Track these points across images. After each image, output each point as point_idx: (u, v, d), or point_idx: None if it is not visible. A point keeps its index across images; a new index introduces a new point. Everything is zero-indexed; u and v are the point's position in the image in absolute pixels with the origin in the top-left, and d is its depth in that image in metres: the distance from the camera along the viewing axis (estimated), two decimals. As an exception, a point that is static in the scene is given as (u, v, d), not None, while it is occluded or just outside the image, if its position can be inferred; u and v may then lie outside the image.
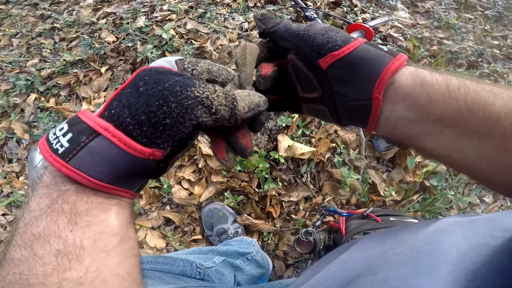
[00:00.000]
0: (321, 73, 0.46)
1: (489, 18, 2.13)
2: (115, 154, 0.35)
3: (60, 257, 0.33)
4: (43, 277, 0.32)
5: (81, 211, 0.35)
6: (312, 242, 0.91)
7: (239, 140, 0.46)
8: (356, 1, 1.98)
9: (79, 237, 0.34)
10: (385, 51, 0.44)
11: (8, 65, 1.91)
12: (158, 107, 0.36)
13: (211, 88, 0.39)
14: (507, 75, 1.82)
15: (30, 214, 0.35)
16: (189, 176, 1.49)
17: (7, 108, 1.76)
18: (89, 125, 0.35)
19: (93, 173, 0.35)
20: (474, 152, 0.41)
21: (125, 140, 0.35)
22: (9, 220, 1.54)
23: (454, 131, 0.41)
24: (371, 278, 0.35)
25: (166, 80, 0.37)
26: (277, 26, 0.51)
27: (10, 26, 2.15)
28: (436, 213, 1.41)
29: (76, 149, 0.34)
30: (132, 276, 0.38)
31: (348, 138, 1.47)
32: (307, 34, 0.47)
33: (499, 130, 0.38)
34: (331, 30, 0.47)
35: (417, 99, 0.41)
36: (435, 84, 0.41)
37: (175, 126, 0.37)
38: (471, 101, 0.39)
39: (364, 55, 0.43)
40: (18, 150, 1.69)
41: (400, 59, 0.43)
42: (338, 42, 0.45)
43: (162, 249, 1.43)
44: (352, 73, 0.44)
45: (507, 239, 0.32)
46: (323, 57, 0.45)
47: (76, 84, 1.80)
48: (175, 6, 1.94)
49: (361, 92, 0.44)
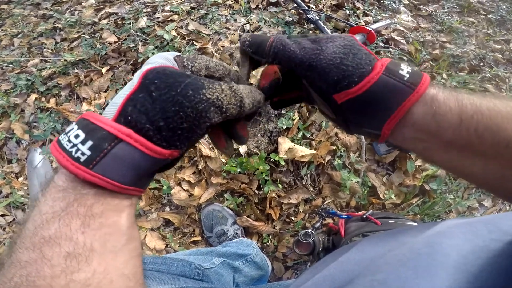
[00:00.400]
0: (336, 105, 0.45)
1: (492, 22, 2.13)
2: (138, 158, 0.36)
3: (69, 259, 0.33)
4: (50, 279, 0.32)
5: (96, 213, 0.35)
6: (311, 243, 0.91)
7: (238, 131, 0.47)
8: (359, 3, 1.99)
9: (90, 239, 0.34)
10: (404, 82, 0.42)
11: (9, 65, 1.91)
12: (175, 113, 0.37)
13: (219, 88, 0.39)
14: (509, 80, 1.82)
15: (42, 217, 0.35)
16: (189, 178, 1.49)
17: (7, 108, 1.76)
18: (109, 132, 0.35)
19: (118, 177, 0.36)
20: (480, 168, 0.41)
21: (147, 144, 0.36)
22: (9, 221, 1.53)
23: (462, 152, 0.41)
24: (370, 278, 0.36)
25: (177, 84, 0.38)
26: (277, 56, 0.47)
27: (12, 26, 2.16)
28: (435, 217, 1.41)
29: (100, 156, 0.35)
30: (136, 276, 0.38)
31: (349, 141, 1.47)
32: (320, 66, 0.44)
33: (508, 153, 0.38)
34: (347, 55, 0.44)
35: (427, 127, 0.41)
36: (447, 113, 0.40)
37: (191, 129, 0.38)
38: (483, 128, 0.39)
39: (380, 91, 0.42)
40: (18, 150, 1.69)
41: (419, 91, 0.41)
42: (355, 78, 0.42)
43: (162, 250, 1.42)
44: (367, 107, 0.43)
45: (507, 243, 0.32)
46: (338, 93, 0.43)
47: (77, 85, 1.80)
48: (177, 7, 1.94)
49: (372, 124, 0.44)
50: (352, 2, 1.98)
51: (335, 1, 1.96)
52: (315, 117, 1.52)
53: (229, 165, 1.40)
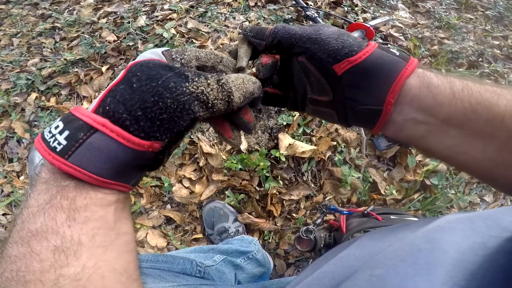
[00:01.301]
0: (335, 78, 0.46)
1: (490, 18, 2.13)
2: (115, 149, 0.35)
3: (58, 253, 0.33)
4: (40, 274, 0.32)
5: (80, 206, 0.35)
6: (313, 240, 0.91)
7: (242, 116, 0.46)
8: (357, 0, 1.98)
9: (77, 233, 0.34)
10: (397, 56, 0.44)
11: (8, 65, 1.91)
12: (154, 103, 0.36)
13: (204, 82, 0.39)
14: (508, 75, 1.82)
15: (28, 211, 0.35)
16: (190, 175, 1.49)
17: (7, 108, 1.76)
18: (85, 121, 0.35)
19: (94, 169, 0.35)
20: (479, 153, 0.42)
21: (123, 134, 0.35)
22: (10, 220, 1.53)
23: (460, 132, 0.42)
24: (369, 272, 0.36)
25: (159, 76, 0.37)
26: (278, 34, 0.49)
27: (11, 25, 2.15)
28: (437, 212, 1.41)
29: (75, 146, 0.34)
30: (129, 271, 0.38)
31: (349, 137, 1.47)
32: (320, 38, 0.46)
33: (504, 130, 0.39)
34: (342, 34, 0.46)
35: (424, 101, 0.42)
36: (440, 86, 0.41)
37: (173, 120, 0.37)
38: (475, 102, 0.39)
39: (379, 61, 0.43)
40: (19, 149, 1.69)
41: (412, 64, 0.43)
42: (354, 47, 0.44)
43: (163, 248, 1.42)
44: (367, 78, 0.44)
45: (504, 239, 0.32)
46: (339, 62, 0.44)
47: (77, 83, 1.80)
48: (176, 5, 1.94)
49: (373, 98, 0.44)
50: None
51: (333, -2, 1.96)
52: (315, 114, 1.52)
53: (230, 162, 1.41)
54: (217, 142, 1.50)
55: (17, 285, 0.32)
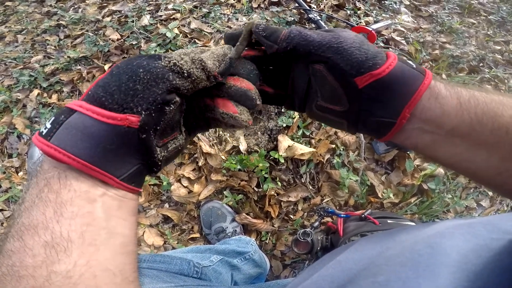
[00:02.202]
0: (355, 91, 0.44)
1: (492, 23, 2.13)
2: (89, 126, 0.36)
3: (49, 249, 0.33)
4: (32, 269, 0.32)
5: (65, 200, 0.35)
6: (310, 243, 0.92)
7: (235, 83, 0.46)
8: (360, 4, 1.99)
9: (66, 229, 0.34)
10: (415, 68, 0.44)
11: (12, 61, 1.92)
12: (128, 79, 0.38)
13: (177, 56, 0.41)
14: (508, 81, 1.82)
15: (23, 205, 0.35)
16: (188, 174, 1.49)
17: (9, 103, 1.77)
18: (68, 107, 0.38)
19: (71, 148, 0.35)
20: (483, 162, 0.42)
21: (96, 110, 0.37)
22: (7, 216, 1.54)
23: (465, 141, 0.42)
24: (371, 279, 0.36)
25: (134, 59, 0.40)
26: (294, 40, 0.45)
27: (16, 22, 2.17)
28: (433, 216, 1.41)
29: (56, 128, 0.36)
30: (125, 273, 0.38)
31: (348, 140, 1.48)
32: (342, 48, 0.43)
33: (508, 141, 0.40)
34: (363, 41, 0.45)
35: (433, 112, 0.42)
36: (448, 97, 0.42)
37: (147, 89, 0.38)
38: (481, 112, 0.40)
39: (399, 75, 0.43)
40: (19, 145, 1.70)
41: (429, 78, 0.43)
42: (378, 60, 0.43)
43: (160, 247, 1.43)
44: (387, 92, 0.43)
45: (508, 241, 0.32)
46: (362, 75, 0.42)
47: (79, 81, 1.80)
48: (179, 5, 1.95)
49: (389, 111, 0.44)
50: (353, 3, 1.99)
51: (336, 1, 1.96)
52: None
53: (229, 162, 1.41)
54: (216, 142, 1.51)
55: (12, 281, 0.32)
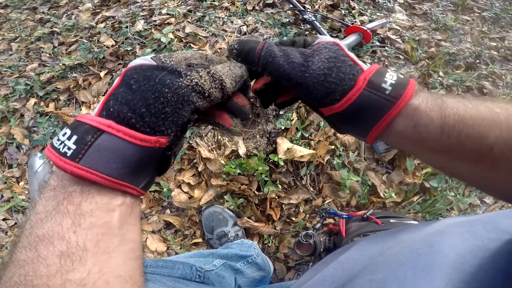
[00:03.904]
0: (323, 116, 0.49)
1: (487, 20, 2.14)
2: (123, 148, 0.37)
3: (64, 259, 0.33)
4: (47, 278, 0.32)
5: (85, 211, 0.36)
6: (312, 244, 0.91)
7: (236, 101, 0.49)
8: (354, 3, 1.99)
9: (82, 239, 0.34)
10: (386, 96, 0.43)
11: (7, 70, 1.91)
12: (155, 99, 0.38)
13: (196, 74, 0.41)
14: (505, 76, 1.82)
15: (36, 216, 0.35)
16: (189, 180, 1.49)
17: (6, 113, 1.76)
18: (91, 125, 0.36)
19: (105, 169, 0.36)
20: (466, 170, 0.44)
21: (129, 132, 0.37)
22: (10, 225, 1.54)
23: (445, 157, 0.44)
24: (369, 277, 0.36)
25: (155, 76, 0.39)
26: (267, 68, 0.48)
27: (9, 30, 2.15)
28: (437, 215, 1.41)
29: (84, 149, 0.35)
30: (134, 278, 0.38)
31: (347, 141, 1.48)
32: (305, 84, 0.46)
33: (490, 157, 0.40)
34: (331, 70, 0.45)
35: (410, 136, 0.44)
36: (429, 125, 0.42)
37: (176, 112, 0.39)
38: (464, 137, 0.41)
39: (362, 107, 0.44)
40: (18, 155, 1.69)
41: (400, 105, 0.43)
42: (337, 96, 0.45)
43: (163, 252, 1.42)
44: (351, 120, 0.47)
45: (504, 241, 0.33)
46: (324, 107, 0.47)
47: (76, 89, 1.80)
48: (173, 10, 1.94)
49: (358, 133, 0.49)
50: (347, 2, 1.99)
51: (330, 1, 1.96)
52: (313, 117, 1.52)
53: (229, 167, 1.41)
54: (215, 147, 1.50)
55: None
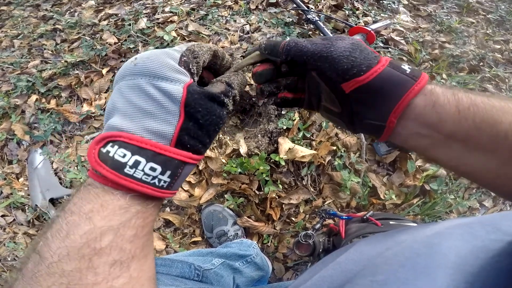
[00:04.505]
0: (343, 95, 0.48)
1: (491, 22, 2.13)
2: (190, 171, 0.45)
3: (114, 267, 0.36)
4: (91, 286, 0.34)
5: (146, 223, 0.41)
6: (312, 245, 0.91)
7: None
8: (358, 4, 1.98)
9: (134, 247, 0.38)
10: (407, 74, 0.45)
11: (9, 66, 1.91)
12: (215, 132, 0.46)
13: (231, 101, 0.48)
14: (509, 80, 1.82)
15: (97, 231, 0.36)
16: (189, 178, 1.49)
17: (7, 109, 1.77)
18: (180, 160, 0.42)
19: (176, 188, 0.44)
20: (482, 165, 0.43)
21: (195, 157, 0.44)
22: (9, 222, 1.54)
23: (463, 146, 0.43)
24: (370, 278, 0.36)
25: (213, 110, 0.44)
26: (290, 52, 0.50)
27: (12, 27, 2.15)
28: (436, 217, 1.41)
29: (175, 179, 0.42)
30: (155, 277, 0.43)
31: (349, 142, 1.47)
32: (331, 56, 0.47)
33: (507, 146, 0.40)
34: (355, 50, 0.47)
35: (428, 119, 0.44)
36: (446, 104, 0.43)
37: (216, 131, 0.46)
38: (480, 120, 0.41)
39: (386, 81, 0.45)
40: (19, 151, 1.70)
41: (420, 83, 0.44)
42: (363, 67, 0.45)
43: (162, 250, 1.43)
44: (373, 97, 0.46)
45: (507, 242, 0.32)
46: (347, 81, 0.46)
47: (77, 86, 1.80)
48: (177, 8, 1.94)
49: (377, 114, 0.47)
50: (351, 3, 1.98)
51: (334, 2, 1.96)
52: (315, 118, 1.52)
53: (230, 166, 1.40)
54: (216, 145, 1.50)
55: None
